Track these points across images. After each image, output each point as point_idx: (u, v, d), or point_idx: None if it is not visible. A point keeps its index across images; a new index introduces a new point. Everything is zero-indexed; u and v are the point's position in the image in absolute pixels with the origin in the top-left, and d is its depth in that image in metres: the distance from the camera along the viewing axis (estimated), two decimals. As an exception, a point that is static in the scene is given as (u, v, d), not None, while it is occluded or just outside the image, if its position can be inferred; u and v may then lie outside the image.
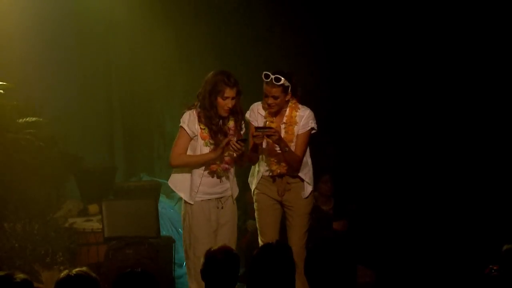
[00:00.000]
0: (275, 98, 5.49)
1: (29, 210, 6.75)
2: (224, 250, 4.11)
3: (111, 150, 8.86)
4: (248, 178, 5.92)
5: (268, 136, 5.42)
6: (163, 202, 8.09)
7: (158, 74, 8.92)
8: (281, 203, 5.74)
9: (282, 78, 5.45)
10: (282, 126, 5.61)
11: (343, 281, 3.66)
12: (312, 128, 5.63)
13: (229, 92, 5.37)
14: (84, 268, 3.80)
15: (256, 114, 5.64)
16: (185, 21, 8.58)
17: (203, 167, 5.47)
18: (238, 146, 5.33)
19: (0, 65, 6.99)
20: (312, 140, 5.73)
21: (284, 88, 5.49)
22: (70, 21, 8.17)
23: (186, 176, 5.52)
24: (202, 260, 4.12)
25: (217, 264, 4.03)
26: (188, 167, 5.51)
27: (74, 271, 3.75)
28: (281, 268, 3.82)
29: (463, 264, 6.38)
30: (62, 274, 3.73)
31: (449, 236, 7.02)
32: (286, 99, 5.55)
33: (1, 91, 6.78)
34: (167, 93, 9.09)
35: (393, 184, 7.68)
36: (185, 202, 5.54)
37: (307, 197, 5.70)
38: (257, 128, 5.47)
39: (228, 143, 5.35)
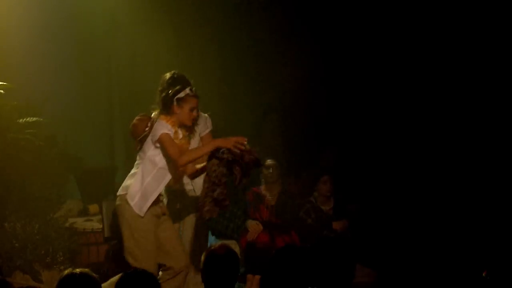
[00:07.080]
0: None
1: (29, 210, 6.75)
2: (225, 247, 4.13)
3: (111, 150, 8.86)
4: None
5: None
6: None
7: (158, 74, 8.90)
8: None
9: None
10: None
11: (341, 281, 3.67)
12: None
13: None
14: (86, 270, 3.83)
15: None
16: (185, 22, 8.58)
17: None
18: None
19: (0, 65, 7.00)
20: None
21: None
22: (70, 22, 8.18)
23: None
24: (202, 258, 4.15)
25: (217, 260, 4.04)
26: None
27: (78, 270, 3.77)
28: (296, 271, 3.84)
29: (463, 264, 6.39)
30: (66, 271, 3.74)
31: (449, 236, 7.03)
32: None
33: (1, 91, 6.77)
34: (167, 93, 9.06)
35: (393, 184, 7.68)
36: None
37: None
38: None
39: None
